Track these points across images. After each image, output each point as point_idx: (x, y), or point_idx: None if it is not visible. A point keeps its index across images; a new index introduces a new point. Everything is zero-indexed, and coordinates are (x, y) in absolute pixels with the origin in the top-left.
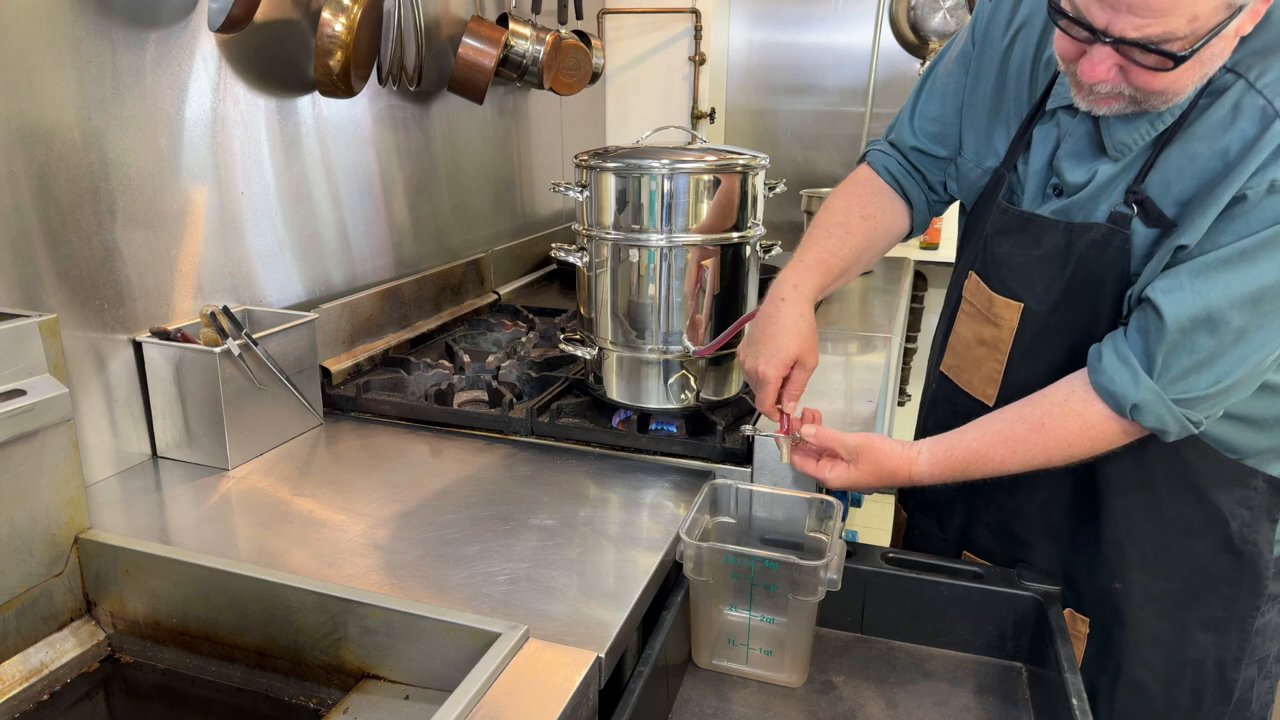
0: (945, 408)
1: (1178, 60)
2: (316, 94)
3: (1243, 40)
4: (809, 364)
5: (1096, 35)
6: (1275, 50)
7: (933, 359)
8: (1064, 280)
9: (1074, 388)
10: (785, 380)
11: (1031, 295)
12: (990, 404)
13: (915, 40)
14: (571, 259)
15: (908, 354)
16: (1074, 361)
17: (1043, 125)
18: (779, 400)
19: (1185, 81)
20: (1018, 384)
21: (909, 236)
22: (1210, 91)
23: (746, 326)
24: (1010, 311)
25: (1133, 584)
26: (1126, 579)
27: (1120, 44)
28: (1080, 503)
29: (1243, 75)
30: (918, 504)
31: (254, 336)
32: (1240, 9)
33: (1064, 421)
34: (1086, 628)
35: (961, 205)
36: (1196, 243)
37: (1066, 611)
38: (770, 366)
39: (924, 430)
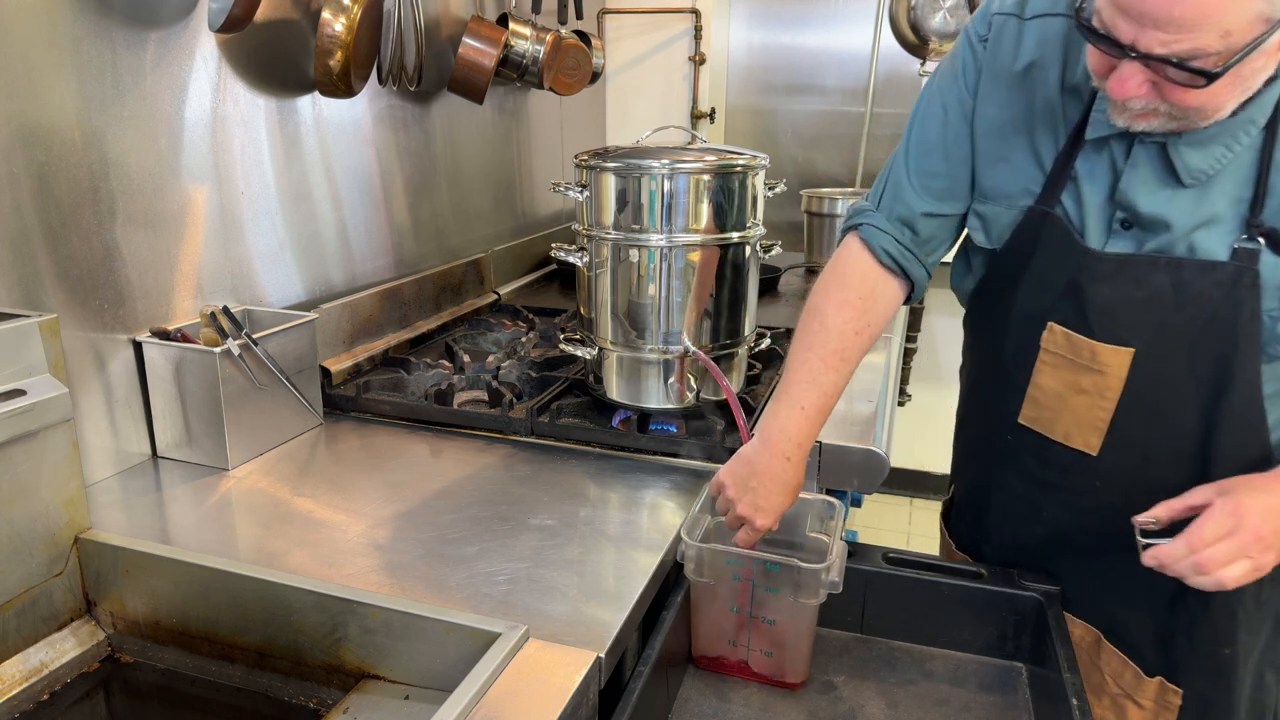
0: (1031, 459)
1: (1210, 78)
2: (316, 94)
3: None
4: (789, 506)
5: (1124, 51)
6: None
7: (991, 410)
8: (1180, 321)
9: None
10: None
11: (1142, 340)
12: (1094, 453)
13: (915, 40)
14: (571, 259)
15: (908, 354)
16: (1198, 407)
17: (1088, 157)
18: None
19: (1224, 98)
20: (1128, 430)
21: (907, 303)
22: None
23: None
24: (1119, 358)
25: (1239, 646)
26: (1235, 641)
27: (1149, 60)
28: None
29: None
30: (998, 547)
31: (254, 336)
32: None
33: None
34: (1179, 699)
35: (973, 249)
36: None
37: (1156, 681)
38: (769, 520)
39: (1000, 487)
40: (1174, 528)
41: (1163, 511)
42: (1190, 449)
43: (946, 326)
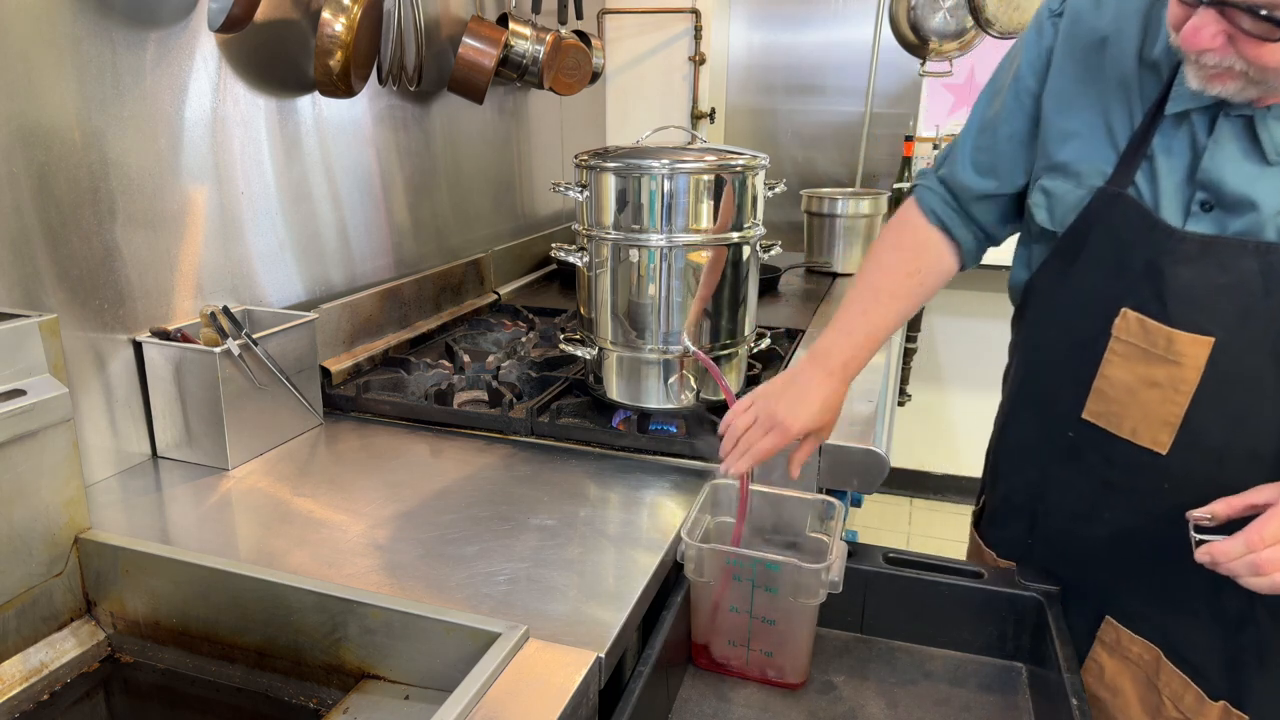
0: (1096, 457)
1: None
2: (316, 94)
3: None
4: (824, 436)
5: None
6: None
7: (1051, 406)
8: (1266, 310)
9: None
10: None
11: (1223, 329)
12: (1163, 452)
13: (915, 40)
14: (571, 259)
15: (908, 354)
16: (1279, 405)
17: (1166, 134)
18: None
19: None
20: (1201, 428)
21: (962, 269)
22: None
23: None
24: (1197, 348)
25: None
26: None
27: (1224, 6)
28: None
29: None
30: (1054, 552)
31: (254, 336)
32: None
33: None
34: None
35: (1033, 239)
36: None
37: (1220, 706)
38: (798, 422)
39: (1058, 488)
40: (1231, 527)
41: (1220, 508)
42: (1269, 450)
43: (947, 326)
